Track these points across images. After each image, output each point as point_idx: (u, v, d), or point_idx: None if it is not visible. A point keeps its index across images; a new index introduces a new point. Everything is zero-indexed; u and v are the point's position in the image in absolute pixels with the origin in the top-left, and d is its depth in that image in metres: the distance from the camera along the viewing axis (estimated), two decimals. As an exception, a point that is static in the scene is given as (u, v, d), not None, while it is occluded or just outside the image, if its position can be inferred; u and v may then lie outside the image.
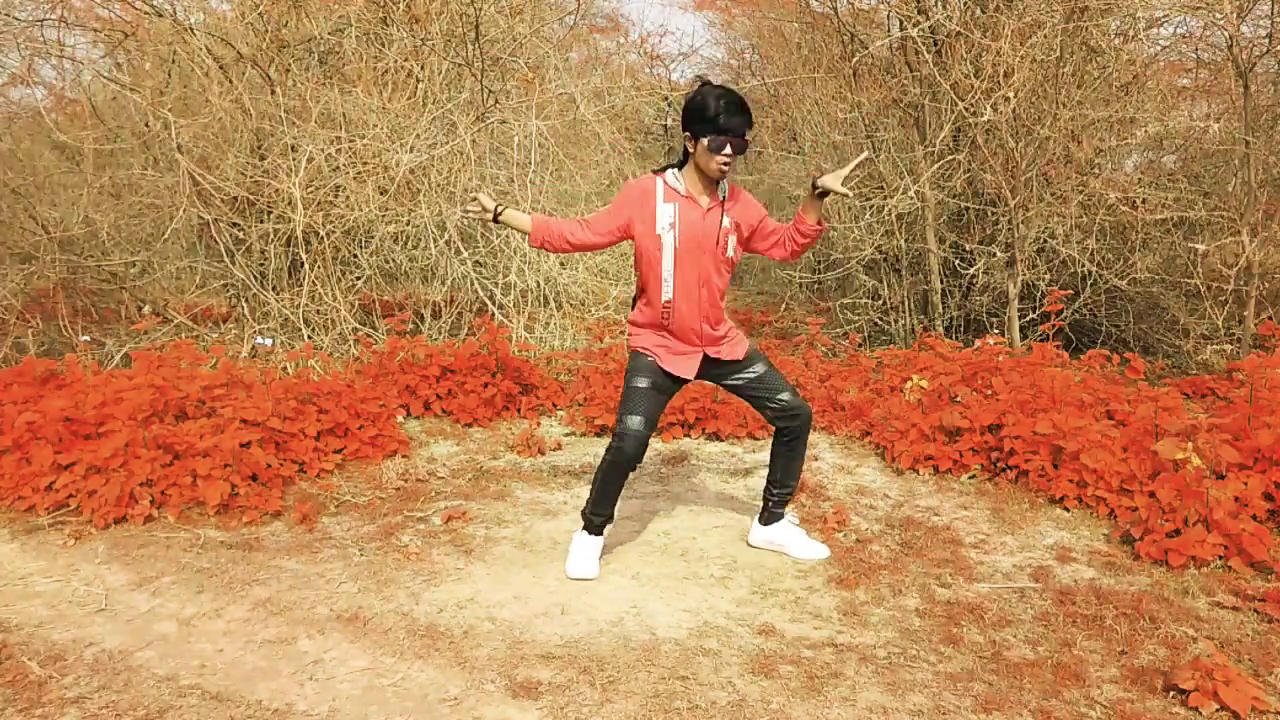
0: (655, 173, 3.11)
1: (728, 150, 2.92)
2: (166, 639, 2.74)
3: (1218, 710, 2.36)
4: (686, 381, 3.23)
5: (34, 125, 8.06)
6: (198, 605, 2.96)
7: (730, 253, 3.11)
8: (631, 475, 4.33)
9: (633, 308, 3.28)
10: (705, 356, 3.19)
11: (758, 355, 3.28)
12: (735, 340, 3.26)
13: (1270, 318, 6.27)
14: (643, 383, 3.14)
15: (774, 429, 3.34)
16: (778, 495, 3.40)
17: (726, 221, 3.06)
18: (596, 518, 3.25)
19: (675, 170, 3.08)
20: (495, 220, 3.15)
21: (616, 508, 3.30)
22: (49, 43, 6.47)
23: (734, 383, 3.27)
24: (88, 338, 6.05)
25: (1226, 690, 2.35)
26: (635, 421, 3.08)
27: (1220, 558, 3.25)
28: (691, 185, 3.05)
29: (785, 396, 3.24)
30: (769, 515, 3.43)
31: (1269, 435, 3.78)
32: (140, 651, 2.66)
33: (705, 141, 2.92)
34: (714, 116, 2.88)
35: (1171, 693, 2.46)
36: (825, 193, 3.00)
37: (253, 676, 2.54)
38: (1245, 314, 6.02)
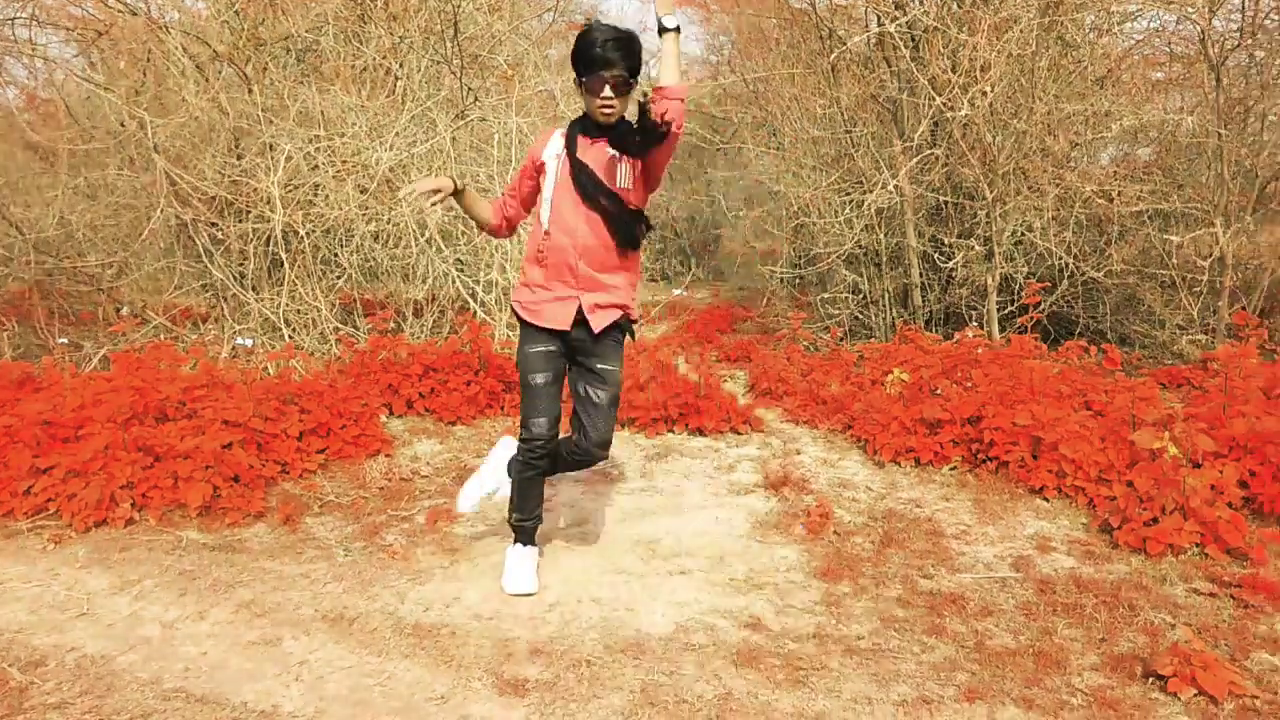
0: None
1: (607, 91, 2.76)
2: (149, 642, 2.72)
3: (1196, 695, 2.39)
4: (577, 342, 2.96)
5: (5, 125, 7.95)
6: (181, 608, 2.94)
7: (622, 183, 2.86)
8: (616, 472, 4.34)
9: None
10: (580, 312, 2.91)
11: (615, 381, 3.01)
12: (611, 305, 2.95)
13: (1244, 308, 6.36)
14: (537, 379, 2.96)
15: (570, 437, 3.08)
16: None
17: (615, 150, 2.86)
18: (526, 523, 3.14)
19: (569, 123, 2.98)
20: (457, 195, 2.98)
21: (605, 503, 3.28)
22: (20, 41, 6.39)
23: (576, 380, 3.02)
24: (65, 340, 5.99)
25: (1204, 675, 2.39)
26: (539, 425, 2.97)
27: (1197, 545, 3.30)
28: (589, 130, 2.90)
29: (594, 436, 2.99)
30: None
31: (1243, 424, 3.84)
32: (123, 656, 2.64)
33: (584, 82, 2.78)
34: (590, 54, 2.72)
35: (1151, 679, 2.50)
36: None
37: (238, 679, 2.53)
38: (1219, 304, 6.10)
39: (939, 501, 3.94)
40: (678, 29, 2.80)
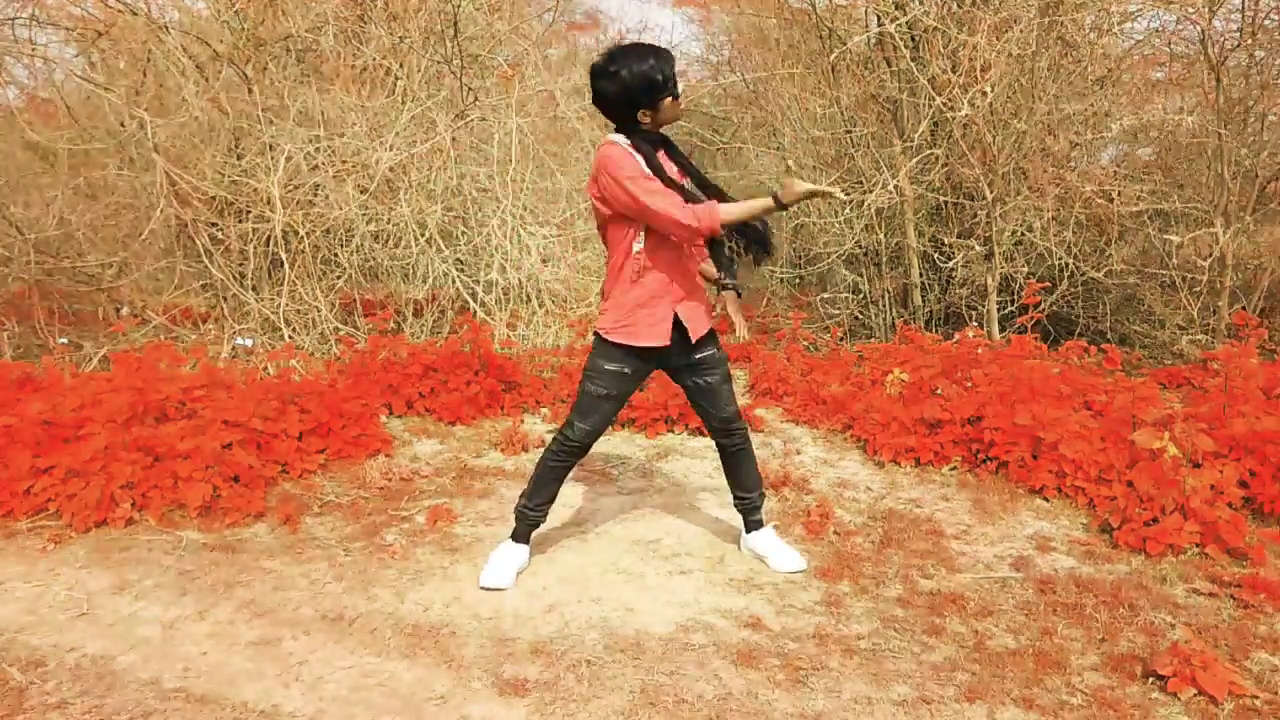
0: (608, 143, 2.88)
1: (679, 86, 2.89)
2: (149, 642, 2.72)
3: (1195, 695, 2.39)
4: (650, 370, 3.09)
5: (5, 125, 7.95)
6: (181, 608, 2.94)
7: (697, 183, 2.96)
8: (615, 472, 4.34)
9: (607, 286, 3.05)
10: (676, 320, 2.95)
11: (722, 363, 3.12)
12: (701, 309, 3.05)
13: (1243, 308, 6.36)
14: (599, 389, 3.00)
15: (716, 444, 3.23)
16: (741, 506, 3.33)
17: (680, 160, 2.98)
18: (532, 512, 3.17)
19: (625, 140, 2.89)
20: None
21: (605, 503, 3.28)
22: (20, 41, 6.39)
23: (687, 383, 3.12)
24: (65, 340, 5.99)
25: (1204, 675, 2.39)
26: (580, 430, 3.03)
27: (1197, 545, 3.30)
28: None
29: (729, 411, 3.13)
30: (748, 525, 3.36)
31: (1243, 424, 3.84)
32: (123, 656, 2.64)
33: (674, 96, 2.84)
34: (669, 70, 2.80)
35: (1150, 679, 2.50)
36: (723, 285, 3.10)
37: (238, 679, 2.53)
38: (1219, 304, 6.10)
39: (939, 501, 3.94)
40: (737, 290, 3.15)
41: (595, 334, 3.04)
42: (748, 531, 3.37)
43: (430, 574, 3.21)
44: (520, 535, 3.20)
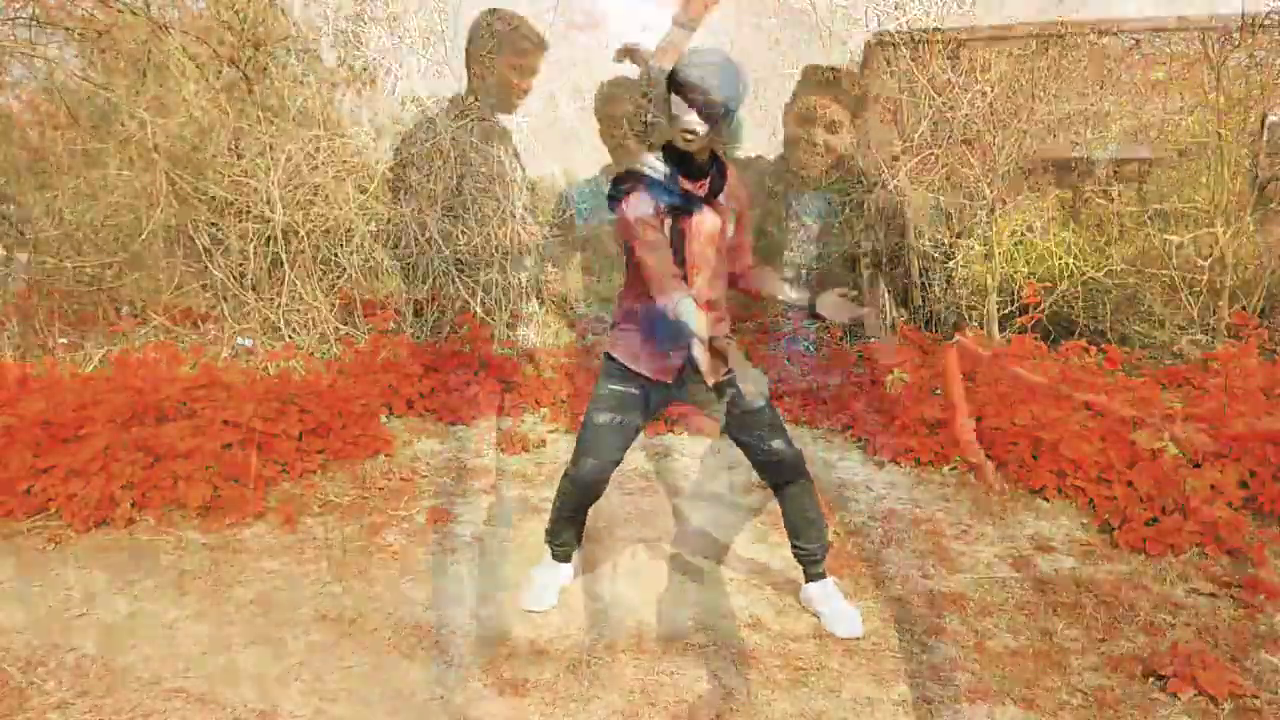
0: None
1: (691, 116, 2.41)
2: (150, 642, 2.72)
3: (1196, 695, 2.39)
4: (661, 399, 2.82)
5: (5, 125, 7.95)
6: (181, 608, 2.94)
7: (730, 234, 2.65)
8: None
9: (618, 306, 2.82)
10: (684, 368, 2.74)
11: (746, 381, 2.58)
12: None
13: (1243, 308, 6.36)
14: (601, 418, 2.73)
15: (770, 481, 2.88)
16: (798, 556, 2.93)
17: (722, 199, 2.60)
18: (559, 547, 3.02)
19: (654, 156, 2.60)
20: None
21: (605, 503, 3.25)
22: (19, 41, 6.38)
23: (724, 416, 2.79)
24: (65, 340, 5.98)
25: (1204, 675, 2.40)
26: (589, 465, 2.75)
27: (1197, 545, 3.30)
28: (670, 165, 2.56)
29: (776, 444, 2.76)
30: (806, 575, 2.97)
31: (1243, 424, 3.84)
32: (123, 655, 2.64)
33: (674, 98, 2.44)
34: (688, 74, 2.40)
35: (1151, 679, 2.50)
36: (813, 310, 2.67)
37: (238, 679, 2.53)
38: (1219, 304, 6.10)
39: (939, 501, 3.94)
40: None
41: (605, 354, 2.82)
42: (806, 581, 2.97)
43: (430, 574, 3.21)
44: (560, 556, 3.07)
